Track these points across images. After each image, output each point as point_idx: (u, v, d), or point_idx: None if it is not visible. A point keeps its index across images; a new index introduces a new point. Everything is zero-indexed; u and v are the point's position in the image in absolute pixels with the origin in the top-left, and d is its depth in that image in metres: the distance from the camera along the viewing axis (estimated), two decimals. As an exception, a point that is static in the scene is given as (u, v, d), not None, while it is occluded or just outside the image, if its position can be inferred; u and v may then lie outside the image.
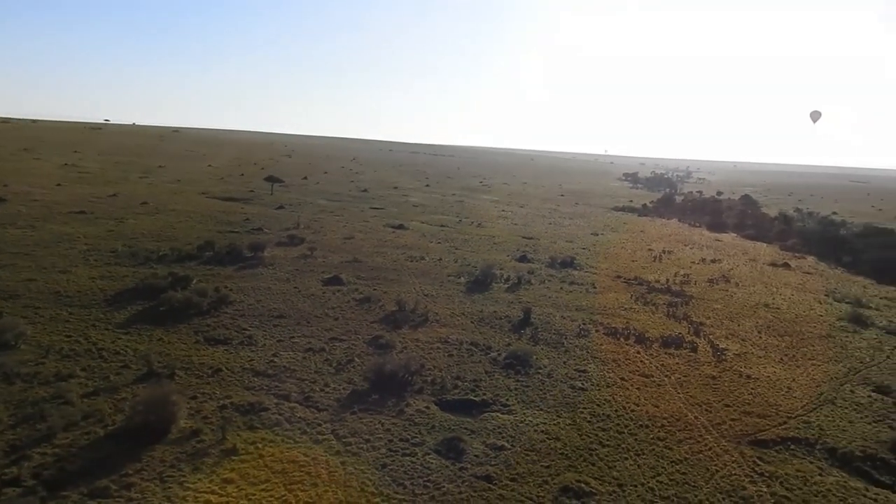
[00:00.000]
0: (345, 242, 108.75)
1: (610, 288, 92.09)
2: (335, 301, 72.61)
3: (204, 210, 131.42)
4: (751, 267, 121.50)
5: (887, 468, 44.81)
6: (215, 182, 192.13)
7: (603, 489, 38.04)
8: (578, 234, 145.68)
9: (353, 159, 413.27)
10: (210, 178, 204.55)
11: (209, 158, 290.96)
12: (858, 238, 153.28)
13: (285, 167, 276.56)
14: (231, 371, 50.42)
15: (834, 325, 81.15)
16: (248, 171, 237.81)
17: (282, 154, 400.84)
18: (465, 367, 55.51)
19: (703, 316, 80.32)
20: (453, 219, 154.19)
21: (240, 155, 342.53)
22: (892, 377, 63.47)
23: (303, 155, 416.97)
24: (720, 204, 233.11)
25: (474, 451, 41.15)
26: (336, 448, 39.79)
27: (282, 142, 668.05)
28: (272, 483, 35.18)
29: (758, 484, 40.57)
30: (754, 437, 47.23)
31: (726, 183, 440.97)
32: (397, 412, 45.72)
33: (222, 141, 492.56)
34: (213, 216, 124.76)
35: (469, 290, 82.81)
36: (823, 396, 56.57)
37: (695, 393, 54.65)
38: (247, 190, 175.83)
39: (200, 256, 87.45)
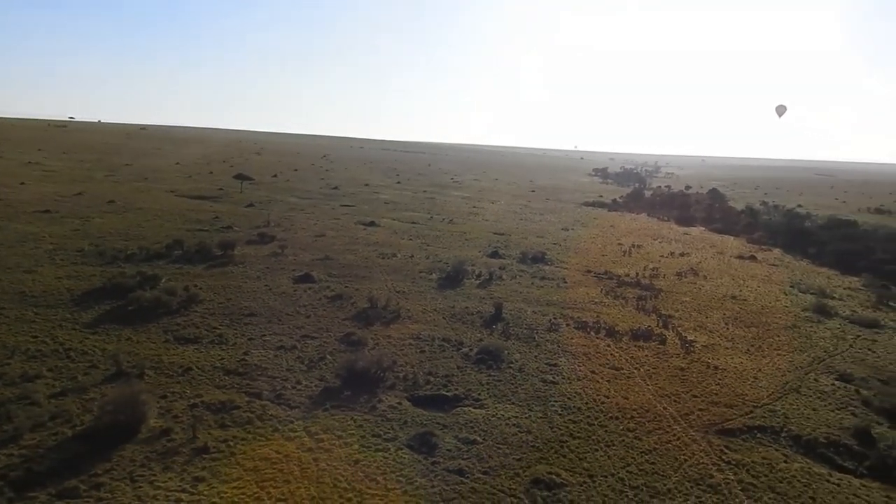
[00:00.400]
0: (316, 240, 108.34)
1: (580, 282, 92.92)
2: (306, 299, 72.42)
3: (172, 208, 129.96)
4: (718, 260, 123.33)
5: (850, 454, 45.96)
6: (183, 180, 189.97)
7: (574, 480, 38.56)
8: (549, 230, 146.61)
9: (324, 157, 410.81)
10: (178, 176, 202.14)
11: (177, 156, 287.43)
12: (822, 230, 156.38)
13: (255, 165, 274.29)
14: (201, 370, 50.13)
15: (799, 316, 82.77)
16: (216, 169, 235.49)
17: (251, 151, 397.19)
18: (437, 363, 55.77)
19: (671, 309, 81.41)
20: (424, 215, 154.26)
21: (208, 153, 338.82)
22: (854, 366, 65.02)
23: (272, 152, 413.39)
24: (688, 198, 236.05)
25: (446, 445, 41.45)
26: (308, 445, 39.83)
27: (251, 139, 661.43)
28: (244, 481, 35.15)
29: (725, 472, 41.41)
30: (721, 427, 48.14)
31: (694, 177, 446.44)
32: (369, 408, 45.85)
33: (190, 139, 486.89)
34: (182, 214, 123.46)
35: (441, 287, 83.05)
36: (789, 385, 57.78)
37: (664, 384, 55.49)
38: (216, 188, 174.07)
39: (169, 255, 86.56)
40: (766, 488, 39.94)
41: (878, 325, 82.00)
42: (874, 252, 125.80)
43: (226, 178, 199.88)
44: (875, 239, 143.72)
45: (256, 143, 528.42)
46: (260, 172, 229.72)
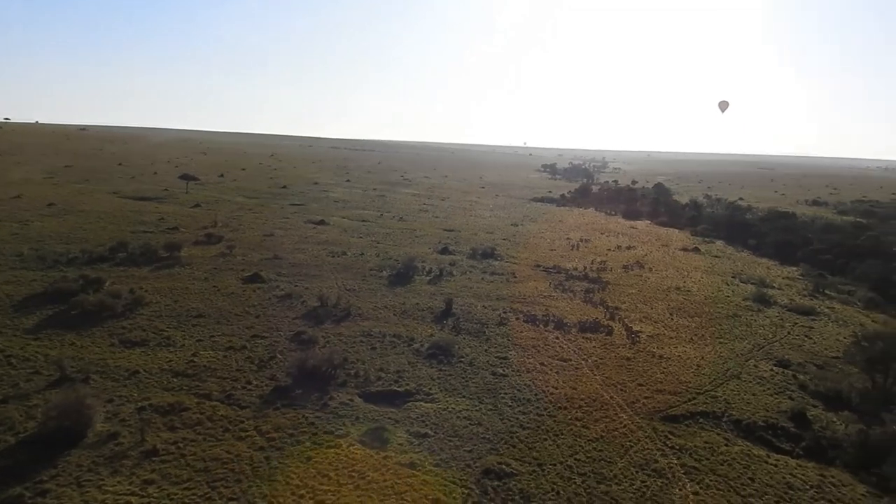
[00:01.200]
0: (264, 240, 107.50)
1: (530, 277, 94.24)
2: (256, 298, 71.99)
3: (115, 210, 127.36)
4: (663, 252, 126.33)
5: (787, 436, 47.88)
6: (126, 181, 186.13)
7: (523, 469, 39.40)
8: (499, 226, 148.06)
9: (272, 156, 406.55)
10: (121, 177, 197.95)
11: (119, 157, 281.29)
12: (763, 222, 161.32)
13: (201, 165, 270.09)
14: (149, 373, 49.58)
15: (740, 305, 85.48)
16: (161, 170, 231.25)
17: (196, 151, 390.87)
18: (388, 359, 56.15)
19: (618, 301, 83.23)
20: (375, 213, 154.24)
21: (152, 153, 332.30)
22: (792, 352, 67.58)
23: (218, 152, 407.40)
24: (635, 192, 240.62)
25: (398, 439, 41.91)
26: (260, 444, 39.86)
27: (196, 139, 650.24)
28: (195, 482, 35.04)
29: (669, 457, 42.78)
30: (666, 413, 49.64)
31: (640, 172, 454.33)
32: (321, 406, 46.01)
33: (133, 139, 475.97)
34: (126, 216, 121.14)
35: (391, 284, 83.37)
36: (730, 372, 59.78)
37: (610, 374, 56.86)
38: (160, 189, 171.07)
39: (113, 258, 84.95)
40: (708, 471, 41.41)
41: (814, 312, 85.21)
42: (811, 242, 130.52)
43: (171, 178, 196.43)
44: (812, 230, 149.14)
45: (202, 143, 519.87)
46: (206, 172, 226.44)
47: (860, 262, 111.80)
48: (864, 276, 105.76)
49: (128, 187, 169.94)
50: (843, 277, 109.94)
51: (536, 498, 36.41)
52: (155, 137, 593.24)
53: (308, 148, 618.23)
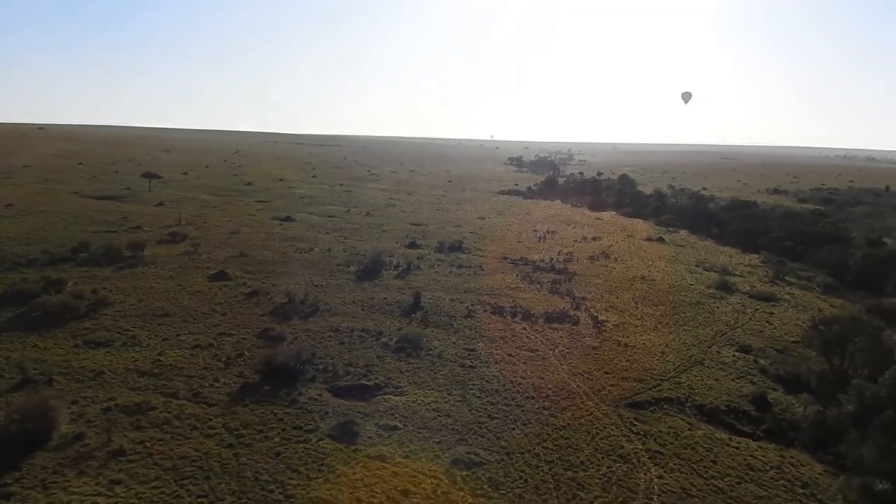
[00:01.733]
0: (230, 237, 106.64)
1: (497, 269, 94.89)
2: (222, 296, 71.55)
3: (76, 210, 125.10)
4: (629, 243, 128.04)
5: (748, 419, 49.16)
6: (87, 180, 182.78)
7: (492, 458, 39.94)
8: (466, 219, 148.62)
9: (236, 152, 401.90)
10: (82, 176, 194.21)
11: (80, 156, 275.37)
12: (725, 211, 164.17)
13: (163, 163, 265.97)
14: (114, 373, 49.12)
15: (703, 293, 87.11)
16: (122, 168, 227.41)
17: (159, 149, 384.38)
18: (356, 354, 56.30)
19: (584, 291, 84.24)
20: (341, 209, 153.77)
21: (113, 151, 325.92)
22: (753, 337, 69.19)
23: (182, 150, 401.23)
24: (600, 184, 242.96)
25: (367, 432, 42.17)
26: (228, 441, 39.83)
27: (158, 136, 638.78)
28: (163, 480, 34.92)
29: (634, 442, 43.68)
30: (631, 400, 50.60)
31: (606, 164, 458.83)
32: (290, 401, 46.06)
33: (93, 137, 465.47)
34: (87, 216, 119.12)
35: (359, 279, 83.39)
36: (693, 358, 61.04)
37: (577, 363, 57.70)
38: (122, 187, 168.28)
39: (75, 258, 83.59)
40: (672, 455, 42.37)
41: (774, 298, 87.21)
42: (771, 230, 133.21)
43: (133, 177, 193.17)
44: (773, 218, 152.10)
45: (164, 141, 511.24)
46: (169, 170, 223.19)
47: (818, 248, 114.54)
48: (823, 263, 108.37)
49: (89, 186, 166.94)
50: (803, 264, 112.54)
51: (505, 486, 36.97)
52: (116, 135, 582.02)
53: (273, 144, 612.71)
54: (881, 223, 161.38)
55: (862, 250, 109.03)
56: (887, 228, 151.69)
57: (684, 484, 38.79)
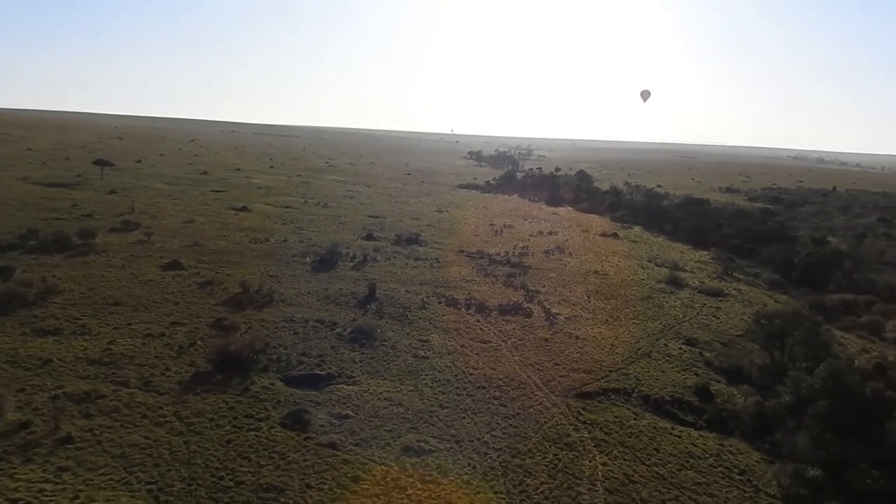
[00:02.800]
0: (184, 226, 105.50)
1: (453, 262, 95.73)
2: (175, 286, 71.01)
3: (25, 197, 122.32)
4: (584, 238, 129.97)
5: (691, 409, 50.84)
6: (37, 167, 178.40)
7: (442, 446, 40.78)
8: (424, 212, 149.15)
9: (192, 141, 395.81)
10: (31, 162, 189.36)
11: (28, 141, 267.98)
12: (678, 208, 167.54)
13: (116, 150, 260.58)
14: (63, 361, 48.63)
15: (654, 288, 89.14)
16: (73, 155, 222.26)
17: (112, 136, 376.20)
18: (310, 344, 56.59)
19: (538, 284, 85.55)
20: (299, 200, 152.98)
21: (64, 138, 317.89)
22: (700, 331, 71.20)
23: (136, 137, 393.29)
24: (558, 179, 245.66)
25: (319, 421, 42.65)
26: (179, 429, 39.94)
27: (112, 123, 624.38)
28: (112, 467, 34.96)
29: (581, 431, 44.92)
30: (580, 391, 51.87)
31: (564, 160, 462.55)
32: (242, 390, 46.26)
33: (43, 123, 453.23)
34: (36, 203, 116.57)
35: (315, 270, 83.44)
36: (641, 351, 62.70)
37: (528, 355, 58.84)
38: (73, 174, 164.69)
39: (23, 245, 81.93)
40: (617, 443, 43.74)
41: (722, 293, 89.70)
42: (722, 228, 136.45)
43: (84, 164, 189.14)
44: (724, 216, 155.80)
45: (118, 128, 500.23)
46: (122, 158, 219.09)
47: (766, 246, 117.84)
48: (769, 260, 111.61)
49: (38, 173, 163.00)
50: (751, 260, 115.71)
51: (453, 473, 37.82)
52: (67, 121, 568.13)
53: (231, 134, 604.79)
54: (827, 223, 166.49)
55: (807, 248, 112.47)
56: (832, 228, 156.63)
57: (627, 471, 40.12)
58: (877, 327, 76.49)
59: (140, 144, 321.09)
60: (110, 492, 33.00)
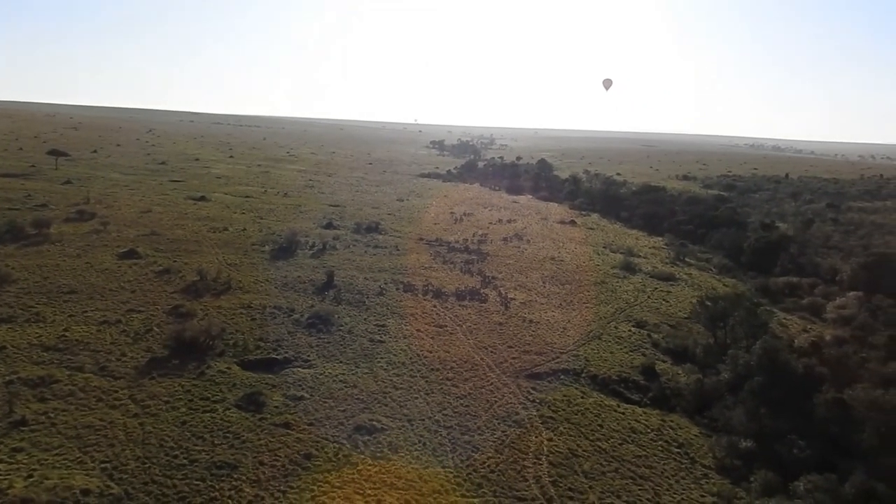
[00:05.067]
0: (141, 216, 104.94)
1: (412, 249, 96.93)
2: (132, 274, 71.10)
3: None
4: (542, 225, 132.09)
5: (637, 388, 52.96)
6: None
7: (393, 425, 42.18)
8: (384, 201, 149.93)
9: (150, 131, 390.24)
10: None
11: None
12: (634, 195, 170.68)
13: (71, 140, 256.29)
14: (17, 348, 48.92)
15: (608, 273, 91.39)
16: (27, 145, 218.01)
17: (66, 126, 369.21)
18: (267, 329, 57.48)
19: (495, 271, 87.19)
20: (258, 189, 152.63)
21: (16, 128, 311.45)
22: (650, 314, 73.51)
23: (91, 127, 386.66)
24: (518, 168, 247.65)
25: (274, 402, 43.76)
26: (134, 411, 40.74)
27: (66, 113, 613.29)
28: (66, 448, 35.73)
29: (529, 409, 46.65)
30: (531, 372, 53.63)
31: (526, 149, 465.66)
32: (198, 374, 47.10)
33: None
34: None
35: (273, 258, 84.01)
36: (592, 333, 64.69)
37: (483, 338, 60.41)
38: (27, 165, 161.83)
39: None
40: (564, 420, 45.56)
41: (673, 278, 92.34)
42: (676, 215, 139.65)
43: (38, 154, 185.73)
44: (678, 203, 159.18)
45: (73, 118, 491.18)
46: (77, 148, 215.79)
47: (717, 231, 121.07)
48: (719, 245, 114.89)
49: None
50: (703, 246, 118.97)
51: (404, 449, 39.28)
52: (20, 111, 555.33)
53: (189, 123, 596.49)
54: (778, 209, 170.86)
55: (756, 234, 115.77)
56: (782, 213, 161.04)
57: (572, 445, 41.96)
58: (818, 309, 79.66)
59: (96, 134, 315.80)
60: (64, 471, 33.81)
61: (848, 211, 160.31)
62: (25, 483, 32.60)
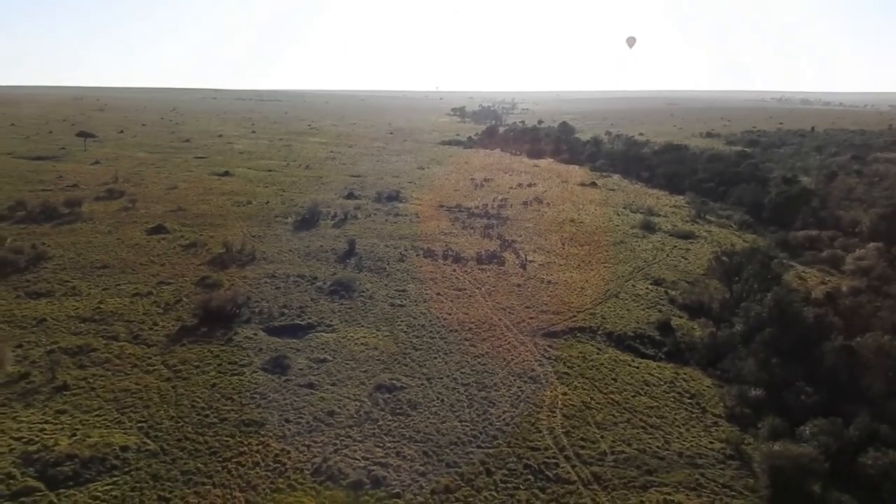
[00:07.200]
0: (168, 193, 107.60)
1: (432, 216, 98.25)
2: (160, 248, 73.62)
3: (11, 170, 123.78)
4: (562, 188, 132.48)
5: (652, 343, 54.13)
6: (21, 142, 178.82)
7: (413, 383, 43.95)
8: (405, 169, 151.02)
9: (173, 110, 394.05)
10: (14, 137, 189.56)
11: (10, 118, 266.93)
12: (656, 155, 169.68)
13: (98, 122, 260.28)
14: (56, 320, 51.70)
15: (627, 233, 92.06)
16: (56, 129, 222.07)
17: (93, 109, 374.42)
18: (291, 297, 59.48)
19: (515, 234, 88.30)
20: (280, 163, 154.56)
21: (45, 112, 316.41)
22: (668, 271, 74.30)
23: (117, 108, 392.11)
24: (539, 132, 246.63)
25: (298, 365, 45.83)
26: (167, 375, 43.16)
27: (92, 95, 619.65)
28: (105, 409, 38.24)
29: (545, 366, 48.11)
30: (547, 331, 54.98)
31: (548, 112, 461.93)
32: (226, 340, 49.36)
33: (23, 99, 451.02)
34: (23, 176, 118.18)
35: (296, 229, 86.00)
36: (610, 292, 65.76)
37: (501, 300, 61.81)
38: (57, 147, 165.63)
39: (12, 216, 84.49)
40: (578, 375, 46.98)
41: (693, 236, 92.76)
42: (697, 173, 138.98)
43: (67, 136, 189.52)
44: (700, 160, 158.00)
45: (99, 100, 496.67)
46: (104, 129, 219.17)
47: (739, 188, 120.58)
48: (740, 201, 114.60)
49: (22, 147, 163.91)
50: (724, 203, 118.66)
51: (422, 406, 41.07)
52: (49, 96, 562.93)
53: (212, 101, 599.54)
54: (801, 163, 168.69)
55: (778, 188, 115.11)
56: (806, 167, 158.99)
57: (585, 398, 43.41)
58: (837, 261, 79.68)
59: (121, 115, 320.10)
60: (104, 430, 36.26)
61: (873, 162, 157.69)
62: (70, 441, 35.21)
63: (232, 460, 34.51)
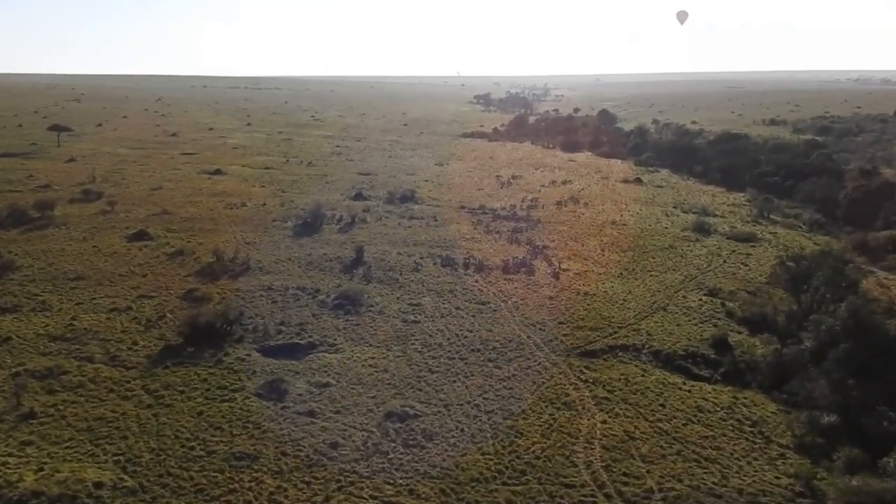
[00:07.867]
0: (151, 194, 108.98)
1: (452, 219, 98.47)
2: (142, 257, 74.58)
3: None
4: (602, 185, 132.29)
5: (706, 363, 53.65)
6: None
7: (428, 411, 43.92)
8: (421, 166, 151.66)
9: (159, 100, 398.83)
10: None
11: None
12: (710, 146, 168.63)
13: (74, 114, 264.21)
14: (23, 339, 52.51)
15: (677, 236, 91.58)
16: (27, 121, 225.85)
17: (68, 98, 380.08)
18: (290, 312, 59.86)
19: (547, 239, 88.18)
20: (279, 159, 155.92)
21: (14, 103, 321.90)
22: (725, 280, 73.75)
23: (95, 98, 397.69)
24: (575, 122, 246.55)
25: (297, 390, 46.01)
26: (147, 402, 43.55)
27: (68, 84, 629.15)
28: (77, 441, 38.62)
29: (581, 390, 47.87)
30: (584, 349, 54.74)
31: (586, 98, 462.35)
32: (215, 362, 49.72)
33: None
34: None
35: (296, 235, 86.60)
36: (657, 305, 65.39)
37: (530, 314, 61.69)
38: (27, 143, 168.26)
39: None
40: (620, 400, 46.66)
41: (754, 238, 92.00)
42: (760, 165, 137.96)
43: (39, 130, 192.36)
44: (763, 151, 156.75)
45: (75, 89, 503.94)
46: (81, 122, 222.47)
47: (808, 182, 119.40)
48: (810, 197, 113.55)
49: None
50: (791, 200, 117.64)
51: (439, 436, 40.98)
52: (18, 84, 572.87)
53: (203, 89, 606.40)
54: (883, 152, 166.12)
55: (855, 182, 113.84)
56: (889, 158, 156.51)
57: (628, 427, 43.07)
58: (926, 266, 78.51)
59: (100, 106, 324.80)
60: (76, 464, 36.56)
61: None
62: (36, 476, 35.42)
63: (221, 499, 34.54)
